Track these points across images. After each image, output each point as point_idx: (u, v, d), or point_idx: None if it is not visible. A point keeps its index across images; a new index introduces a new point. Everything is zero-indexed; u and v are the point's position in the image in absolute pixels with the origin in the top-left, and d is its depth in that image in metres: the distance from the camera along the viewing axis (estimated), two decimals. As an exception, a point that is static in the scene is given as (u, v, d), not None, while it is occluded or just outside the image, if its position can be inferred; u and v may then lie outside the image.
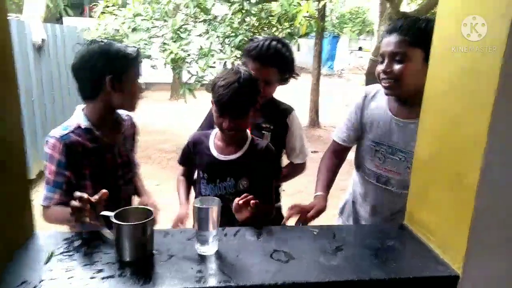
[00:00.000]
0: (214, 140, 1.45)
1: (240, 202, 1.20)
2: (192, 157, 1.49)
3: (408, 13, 5.34)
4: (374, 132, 1.48)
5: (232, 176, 1.40)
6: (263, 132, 1.64)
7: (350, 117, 1.55)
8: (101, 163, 1.38)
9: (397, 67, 1.32)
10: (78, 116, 1.37)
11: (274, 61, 1.58)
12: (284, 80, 1.69)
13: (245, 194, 1.21)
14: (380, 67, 1.37)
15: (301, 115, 1.88)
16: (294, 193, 4.16)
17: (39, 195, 1.32)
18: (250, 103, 1.35)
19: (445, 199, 1.06)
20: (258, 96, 1.38)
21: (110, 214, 0.98)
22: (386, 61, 1.35)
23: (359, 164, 1.60)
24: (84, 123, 1.35)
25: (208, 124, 1.67)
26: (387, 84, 1.36)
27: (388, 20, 5.75)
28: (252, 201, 1.18)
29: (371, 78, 6.06)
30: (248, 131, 1.46)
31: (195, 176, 1.58)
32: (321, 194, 1.50)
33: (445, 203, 1.06)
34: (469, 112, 0.95)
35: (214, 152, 1.42)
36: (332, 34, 17.21)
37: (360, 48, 17.82)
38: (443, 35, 1.06)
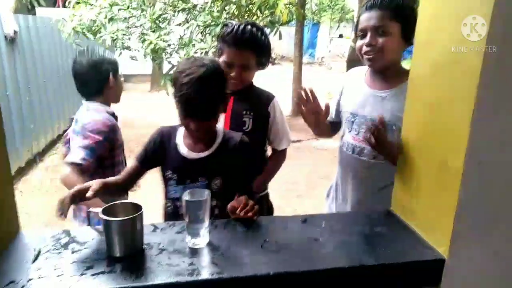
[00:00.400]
0: (183, 137, 1.32)
1: (242, 214, 1.13)
2: (156, 156, 1.33)
3: None
4: (351, 104, 1.56)
5: (204, 176, 1.28)
6: (244, 119, 1.62)
7: (336, 94, 1.67)
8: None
9: (380, 39, 1.39)
10: (98, 110, 1.76)
11: (251, 44, 1.56)
12: (261, 65, 1.66)
13: (247, 207, 1.14)
14: (361, 42, 1.44)
15: (283, 105, 1.87)
16: (283, 183, 4.19)
17: (18, 193, 1.29)
18: (220, 101, 1.24)
19: (430, 184, 1.08)
20: (226, 90, 1.27)
21: (98, 210, 0.96)
22: (368, 34, 1.41)
23: (342, 141, 1.66)
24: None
25: None
26: (371, 56, 1.43)
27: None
28: (249, 214, 1.13)
29: (352, 65, 6.10)
30: (221, 125, 1.37)
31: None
32: None
33: (430, 188, 1.08)
34: (453, 98, 0.97)
35: (184, 150, 1.29)
36: (312, 22, 17.20)
37: (340, 36, 17.88)
38: (434, 29, 1.07)
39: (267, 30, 4.18)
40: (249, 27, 1.56)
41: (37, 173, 4.57)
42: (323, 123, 1.52)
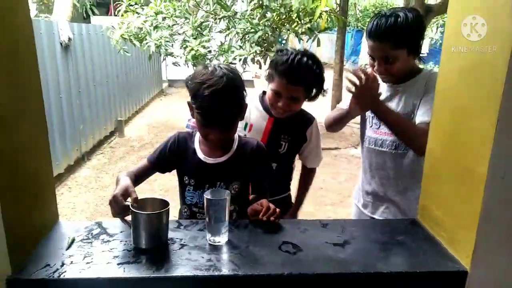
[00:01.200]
0: (199, 142, 1.32)
1: (264, 218, 1.15)
2: (171, 160, 1.33)
3: (432, 6, 5.21)
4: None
5: (222, 181, 1.29)
6: (281, 142, 1.60)
7: None
8: None
9: (388, 66, 1.45)
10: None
11: (303, 79, 1.47)
12: (311, 98, 1.57)
13: (270, 211, 1.17)
14: (372, 66, 1.49)
15: (323, 111, 1.86)
16: (317, 189, 4.16)
17: (67, 189, 1.39)
18: (240, 111, 1.25)
19: (455, 194, 1.06)
20: (245, 99, 1.26)
21: (128, 203, 1.03)
22: (376, 62, 1.46)
23: (362, 137, 1.69)
24: None
25: None
26: (384, 78, 1.51)
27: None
28: (271, 218, 1.15)
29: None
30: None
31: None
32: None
33: (454, 198, 1.06)
34: (478, 107, 0.95)
35: (201, 155, 1.30)
36: (356, 29, 16.95)
37: (383, 42, 17.46)
38: (460, 34, 1.05)
39: (306, 37, 4.20)
40: (304, 59, 1.45)
41: (85, 171, 4.86)
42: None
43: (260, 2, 3.76)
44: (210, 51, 4.12)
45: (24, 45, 1.01)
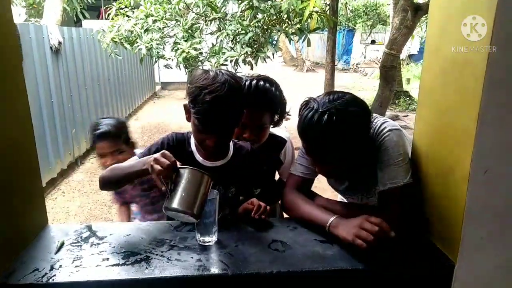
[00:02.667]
0: (195, 145, 1.29)
1: (256, 216, 1.16)
2: None
3: (421, 5, 5.25)
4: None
5: (220, 184, 1.26)
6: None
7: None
8: None
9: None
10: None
11: (267, 104, 1.42)
12: (276, 123, 1.51)
13: (260, 208, 1.18)
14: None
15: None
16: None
17: (60, 194, 1.39)
18: (239, 119, 1.23)
19: (440, 191, 1.07)
20: (243, 106, 1.23)
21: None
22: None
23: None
24: None
25: None
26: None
27: (402, 12, 5.69)
28: (262, 216, 1.17)
29: (385, 71, 6.01)
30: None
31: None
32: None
33: (440, 195, 1.07)
34: (459, 104, 0.96)
35: (199, 158, 1.27)
36: (347, 29, 17.05)
37: (372, 42, 17.60)
38: (442, 34, 1.07)
39: (296, 38, 4.21)
40: (261, 83, 1.41)
41: (78, 175, 4.84)
42: None
43: (250, 3, 3.76)
44: (201, 53, 4.11)
45: (6, 43, 1.01)
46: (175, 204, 0.97)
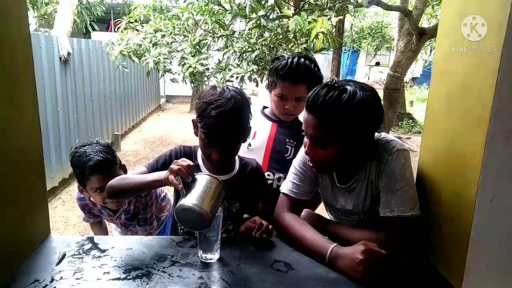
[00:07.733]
0: (202, 159, 1.30)
1: (258, 235, 1.16)
2: None
3: (426, 29, 5.31)
4: (323, 194, 1.37)
5: (225, 199, 1.22)
6: (287, 147, 1.61)
7: (300, 169, 1.31)
8: None
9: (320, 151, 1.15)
10: None
11: (305, 78, 1.52)
12: None
13: (263, 228, 1.18)
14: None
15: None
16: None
17: (60, 203, 1.39)
18: (244, 134, 1.25)
19: (445, 216, 1.07)
20: (250, 122, 1.25)
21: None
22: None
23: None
24: None
25: None
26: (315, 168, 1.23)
27: (407, 36, 5.76)
28: (264, 235, 1.17)
29: (388, 92, 6.05)
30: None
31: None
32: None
33: (445, 220, 1.07)
34: (466, 130, 0.97)
35: (205, 172, 1.27)
36: (352, 49, 17.24)
37: (377, 63, 17.76)
38: (449, 59, 1.08)
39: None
40: (302, 60, 1.53)
41: (78, 186, 4.83)
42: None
43: (258, 22, 3.82)
44: (207, 69, 4.15)
45: (22, 56, 1.03)
46: (193, 200, 0.97)
